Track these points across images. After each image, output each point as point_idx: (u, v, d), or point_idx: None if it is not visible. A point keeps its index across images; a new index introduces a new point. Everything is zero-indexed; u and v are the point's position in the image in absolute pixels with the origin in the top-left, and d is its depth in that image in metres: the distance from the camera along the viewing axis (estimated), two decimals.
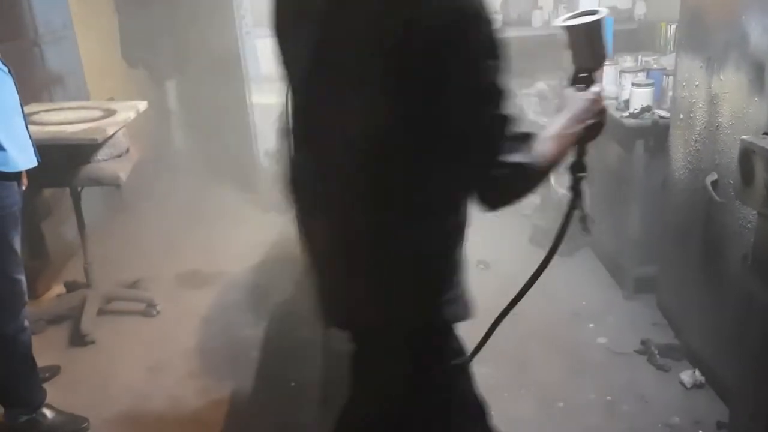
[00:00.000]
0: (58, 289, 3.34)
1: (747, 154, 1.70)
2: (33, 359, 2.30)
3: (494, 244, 3.66)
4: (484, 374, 2.50)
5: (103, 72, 4.32)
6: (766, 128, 1.80)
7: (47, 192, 3.38)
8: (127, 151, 2.94)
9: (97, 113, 2.89)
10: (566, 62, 1.46)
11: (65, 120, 2.79)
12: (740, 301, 1.92)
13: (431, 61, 1.07)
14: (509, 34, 3.73)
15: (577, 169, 1.48)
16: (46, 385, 2.41)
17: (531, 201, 3.91)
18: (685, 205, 2.45)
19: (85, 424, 2.37)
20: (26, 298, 2.25)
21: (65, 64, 3.83)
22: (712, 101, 2.19)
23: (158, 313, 3.12)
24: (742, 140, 1.71)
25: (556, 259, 2.05)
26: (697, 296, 2.40)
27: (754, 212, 1.79)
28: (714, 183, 2.14)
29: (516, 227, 3.85)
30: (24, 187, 2.23)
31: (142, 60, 4.95)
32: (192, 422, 2.39)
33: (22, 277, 2.22)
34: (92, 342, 2.88)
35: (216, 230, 4.02)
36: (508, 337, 2.80)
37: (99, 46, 4.34)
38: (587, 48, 1.39)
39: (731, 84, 2.06)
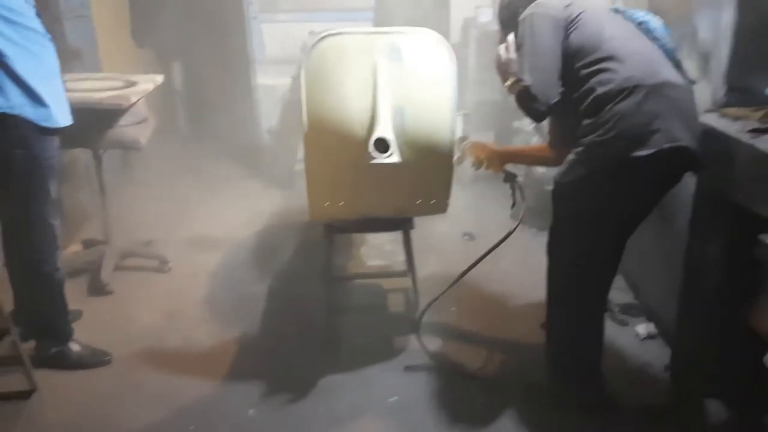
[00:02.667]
0: (76, 247, 3.60)
1: None
2: (64, 297, 2.59)
3: (480, 219, 3.98)
4: (463, 326, 2.85)
5: (115, 50, 4.58)
6: (708, 107, 2.12)
7: (68, 155, 3.65)
8: (146, 119, 3.21)
9: (119, 83, 3.16)
10: None
11: (91, 88, 3.06)
12: (685, 255, 2.24)
13: None
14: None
15: (509, 177, 2.45)
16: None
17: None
18: None
19: (108, 357, 2.65)
20: (59, 242, 2.53)
21: (83, 40, 4.09)
22: None
23: (170, 269, 3.40)
24: None
25: (534, 233, 2.35)
26: (652, 259, 2.72)
27: None
28: None
29: (500, 203, 4.16)
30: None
31: (151, 41, 5.21)
32: (204, 358, 2.68)
33: (57, 222, 2.50)
34: (110, 292, 3.16)
35: (220, 200, 4.31)
36: (491, 296, 3.15)
37: (111, 26, 4.60)
38: None
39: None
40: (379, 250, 3.62)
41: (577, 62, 2.02)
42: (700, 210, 2.09)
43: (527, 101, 2.07)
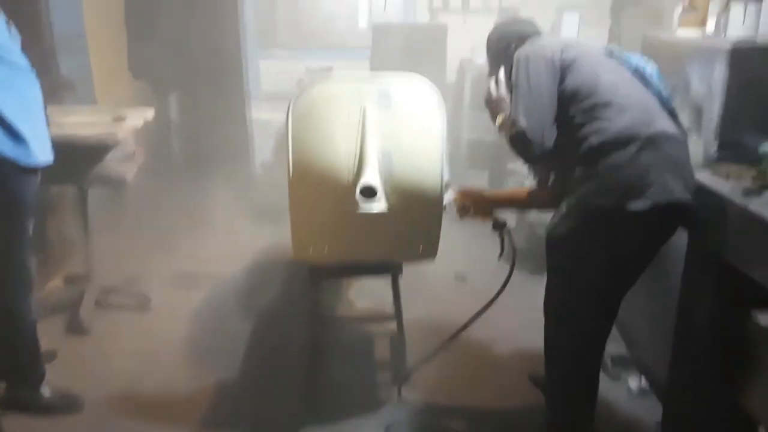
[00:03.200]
0: (57, 282, 3.53)
1: None
2: (37, 340, 2.50)
3: (471, 260, 3.91)
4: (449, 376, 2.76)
5: (110, 81, 4.57)
6: (700, 163, 2.08)
7: (52, 189, 3.59)
8: (134, 154, 3.17)
9: (109, 118, 3.12)
10: None
11: (79, 122, 3.02)
12: (677, 318, 2.17)
13: None
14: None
15: (498, 226, 2.44)
16: None
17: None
18: None
19: (80, 402, 2.55)
20: (33, 283, 2.47)
21: (77, 72, 4.07)
22: None
23: (151, 307, 3.33)
24: None
25: (525, 277, 2.30)
26: (645, 313, 2.65)
27: None
28: None
29: (492, 245, 4.10)
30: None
31: (147, 72, 5.20)
32: (180, 404, 2.58)
33: (32, 262, 2.43)
34: (88, 331, 3.08)
35: (209, 234, 4.25)
36: (478, 343, 3.06)
37: (108, 57, 4.59)
38: None
39: None
40: (368, 290, 3.54)
41: (572, 107, 1.99)
42: (692, 268, 2.03)
43: (522, 144, 2.03)
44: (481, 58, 4.34)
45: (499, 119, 2.19)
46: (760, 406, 1.72)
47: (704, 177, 1.94)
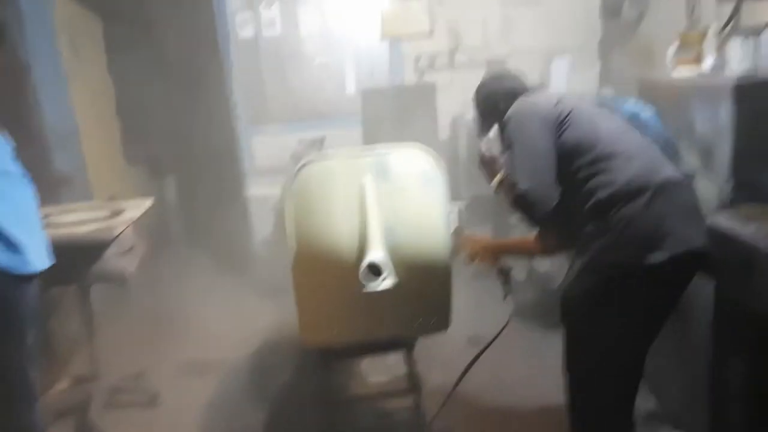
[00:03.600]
0: (64, 383, 3.41)
1: None
2: None
3: (483, 321, 3.79)
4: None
5: (106, 172, 4.56)
6: (714, 206, 2.01)
7: (54, 290, 3.52)
8: (133, 247, 3.11)
9: (105, 213, 3.07)
10: None
11: (75, 221, 2.97)
12: (709, 367, 2.06)
13: None
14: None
15: (503, 272, 2.42)
16: None
17: (515, 277, 4.08)
18: None
19: None
20: (38, 393, 2.36)
21: (72, 166, 4.05)
22: None
23: (161, 403, 3.20)
24: None
25: (540, 334, 2.22)
26: (673, 362, 2.53)
27: None
28: None
29: (502, 305, 4.00)
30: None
31: (143, 158, 5.21)
32: None
33: (36, 373, 2.33)
34: None
35: (215, 317, 4.14)
36: (496, 410, 2.93)
37: (102, 149, 4.60)
38: None
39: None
40: (381, 363, 3.41)
41: (574, 162, 1.92)
42: (721, 321, 1.93)
43: (525, 207, 1.98)
44: (472, 114, 4.38)
45: (496, 180, 2.14)
46: None
47: (723, 221, 1.86)
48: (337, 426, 2.62)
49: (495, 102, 2.17)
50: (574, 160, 1.92)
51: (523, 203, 1.96)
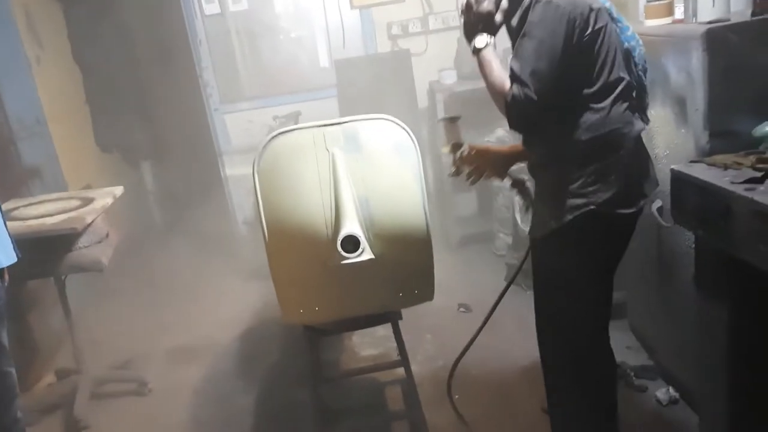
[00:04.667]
0: (50, 378, 3.37)
1: (678, 182, 1.86)
2: None
3: (473, 287, 3.77)
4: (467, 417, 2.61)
5: (79, 160, 4.45)
6: (692, 156, 1.96)
7: (31, 283, 3.46)
8: (107, 235, 3.04)
9: (76, 202, 3.00)
10: None
11: (45, 212, 2.90)
12: (695, 316, 2.04)
13: None
14: (464, 87, 3.93)
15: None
16: None
17: (504, 241, 4.06)
18: (641, 232, 2.59)
19: None
20: (17, 390, 2.31)
21: (41, 158, 3.95)
22: (648, 135, 2.35)
23: (150, 391, 3.16)
24: (672, 169, 1.87)
25: (530, 295, 2.21)
26: (662, 317, 2.52)
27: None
28: (660, 209, 2.28)
29: (491, 268, 3.98)
30: (6, 283, 2.31)
31: (116, 145, 5.10)
32: None
33: (12, 370, 2.27)
34: (86, 427, 2.91)
35: (201, 302, 4.10)
36: (492, 375, 2.91)
37: (72, 137, 4.48)
38: None
39: (661, 119, 2.24)
40: (371, 336, 3.39)
41: (574, 87, 1.80)
42: (704, 270, 1.90)
43: (509, 108, 1.78)
44: (449, 79, 4.29)
45: (479, 42, 1.87)
46: None
47: (699, 171, 1.82)
48: (328, 402, 2.60)
49: None
50: (574, 83, 1.80)
51: (520, 104, 1.76)
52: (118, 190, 3.19)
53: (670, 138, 2.20)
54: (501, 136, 4.05)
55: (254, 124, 4.37)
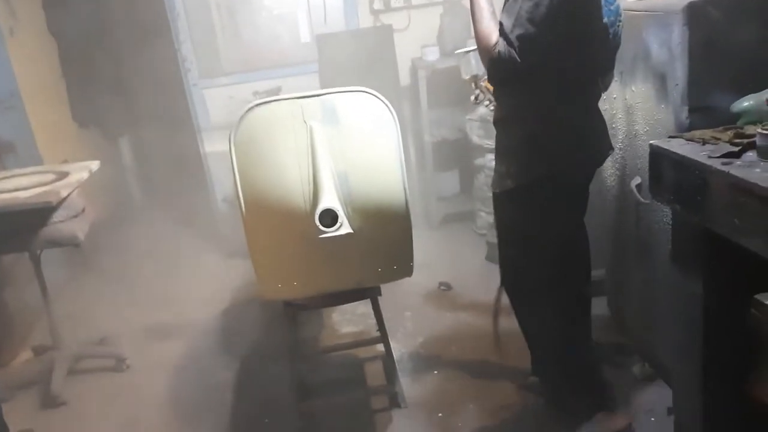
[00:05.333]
0: (26, 354, 3.34)
1: (656, 157, 1.86)
2: (4, 426, 2.32)
3: (454, 266, 3.78)
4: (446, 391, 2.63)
5: (55, 136, 4.37)
6: (672, 132, 1.96)
7: (6, 259, 3.41)
8: (83, 210, 2.99)
9: (50, 177, 2.95)
10: None
11: (19, 186, 2.84)
12: (671, 291, 2.05)
13: None
14: (447, 64, 3.91)
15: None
16: None
17: (485, 220, 4.06)
18: (619, 210, 2.61)
19: None
20: None
21: (15, 132, 3.87)
22: (629, 111, 2.36)
23: (128, 367, 3.14)
24: (651, 144, 1.87)
25: None
26: (638, 294, 2.54)
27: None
28: (638, 186, 2.29)
29: (472, 247, 3.99)
30: None
31: (94, 120, 5.02)
32: None
33: None
34: (64, 403, 2.89)
35: (180, 279, 4.07)
36: (472, 349, 2.93)
37: (48, 112, 4.39)
38: None
39: (641, 94, 2.23)
40: (351, 314, 3.39)
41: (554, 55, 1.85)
42: (680, 245, 1.91)
43: (491, 63, 1.83)
44: (432, 56, 4.25)
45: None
46: None
47: (677, 146, 1.82)
48: (308, 377, 2.60)
49: None
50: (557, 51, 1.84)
51: (493, 58, 1.81)
52: (94, 164, 3.13)
53: (650, 113, 2.19)
54: (483, 114, 4.03)
55: (234, 99, 4.29)
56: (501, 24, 1.80)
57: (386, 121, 2.10)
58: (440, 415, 2.51)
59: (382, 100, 2.11)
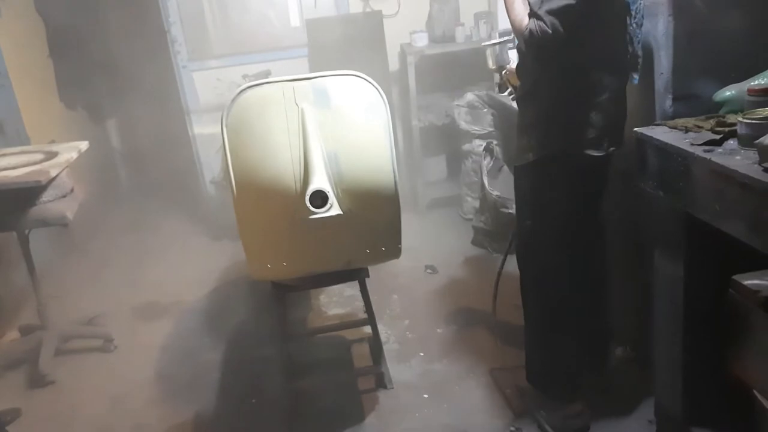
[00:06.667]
0: (13, 334, 3.35)
1: (639, 143, 1.91)
2: None
3: (440, 249, 3.83)
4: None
5: (43, 117, 4.35)
6: (656, 120, 2.01)
7: None
8: (72, 190, 2.99)
9: (39, 156, 2.94)
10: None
11: (8, 165, 2.84)
12: (653, 276, 2.11)
13: None
14: (435, 50, 3.98)
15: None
16: (8, 428, 2.44)
17: (471, 205, 4.11)
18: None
19: None
20: None
21: (3, 111, 3.85)
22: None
23: (116, 347, 3.16)
24: (635, 131, 1.92)
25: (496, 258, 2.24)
26: (620, 281, 2.59)
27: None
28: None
29: (458, 231, 4.04)
30: None
31: (81, 101, 4.99)
32: None
33: None
34: (52, 382, 2.91)
35: (168, 261, 4.08)
36: (454, 340, 2.98)
37: (36, 92, 4.37)
38: None
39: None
40: (339, 296, 3.43)
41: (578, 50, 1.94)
42: (662, 230, 1.96)
43: (527, 40, 1.91)
44: (420, 42, 4.27)
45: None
46: (752, 370, 1.66)
47: (661, 133, 1.86)
48: (295, 358, 2.63)
49: None
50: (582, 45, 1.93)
51: (527, 39, 1.90)
52: (83, 144, 3.13)
53: (635, 101, 2.23)
54: (471, 100, 4.07)
55: (223, 82, 4.30)
56: (530, 3, 1.91)
57: (376, 104, 2.13)
58: (426, 396, 2.55)
59: (372, 84, 2.13)
